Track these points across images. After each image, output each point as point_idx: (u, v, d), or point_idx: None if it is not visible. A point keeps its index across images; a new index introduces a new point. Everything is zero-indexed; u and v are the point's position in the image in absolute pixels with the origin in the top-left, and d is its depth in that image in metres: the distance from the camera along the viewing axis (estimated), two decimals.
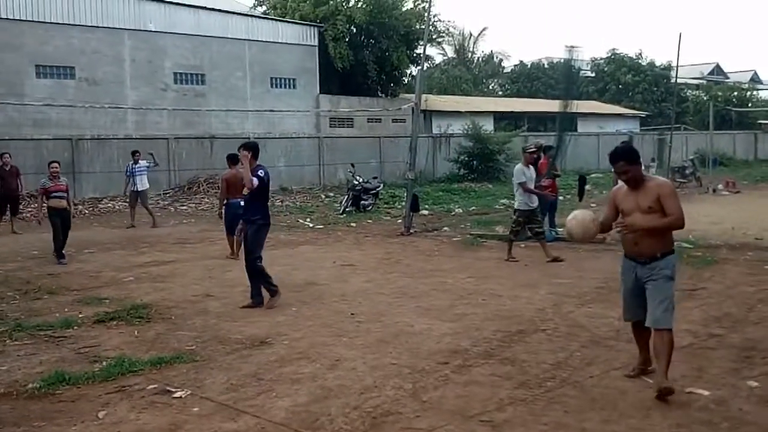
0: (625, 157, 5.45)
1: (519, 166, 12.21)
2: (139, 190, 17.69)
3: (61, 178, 12.73)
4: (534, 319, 7.84)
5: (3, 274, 11.39)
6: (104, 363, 6.44)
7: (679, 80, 32.74)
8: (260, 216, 8.77)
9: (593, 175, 28.32)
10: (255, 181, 8.51)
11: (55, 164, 12.88)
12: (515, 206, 12.23)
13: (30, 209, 19.82)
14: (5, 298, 9.52)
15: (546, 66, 57.62)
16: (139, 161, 17.81)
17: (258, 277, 8.79)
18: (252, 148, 8.77)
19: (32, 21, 24.87)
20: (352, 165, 22.66)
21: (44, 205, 12.80)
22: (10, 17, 24.42)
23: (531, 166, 12.38)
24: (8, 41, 24.37)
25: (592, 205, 14.39)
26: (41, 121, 24.52)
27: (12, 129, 23.67)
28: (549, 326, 7.51)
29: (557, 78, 48.63)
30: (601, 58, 54.82)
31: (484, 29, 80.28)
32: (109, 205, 21.53)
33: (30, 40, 24.89)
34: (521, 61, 61.02)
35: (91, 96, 25.47)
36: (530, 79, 57.25)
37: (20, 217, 17.72)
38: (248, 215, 8.85)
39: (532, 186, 12.10)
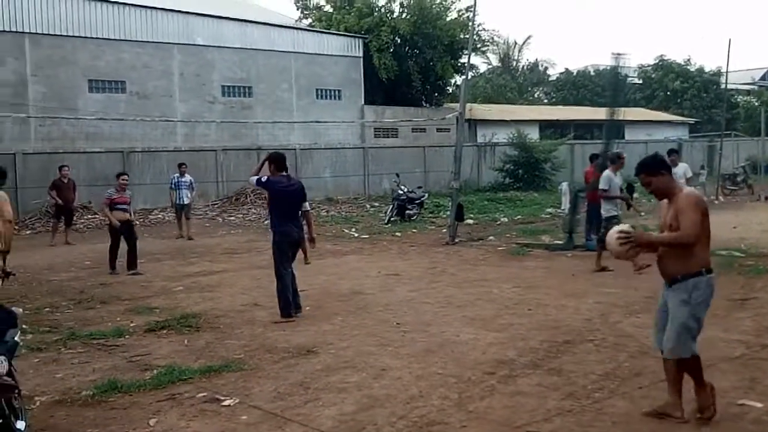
0: (644, 169, 5.09)
1: (607, 173, 11.98)
2: (185, 203, 17.86)
3: (126, 191, 12.97)
4: (581, 329, 7.77)
5: (57, 284, 11.71)
6: (155, 371, 6.57)
7: (729, 86, 32.14)
8: (274, 229, 8.91)
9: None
10: (253, 179, 8.90)
11: (125, 176, 13.09)
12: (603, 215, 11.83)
13: (83, 220, 20.35)
14: (60, 308, 9.79)
15: (592, 73, 57.03)
16: (186, 174, 17.98)
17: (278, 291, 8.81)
18: (272, 160, 8.97)
19: (85, 37, 25.51)
20: (397, 175, 22.73)
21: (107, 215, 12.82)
22: (65, 34, 25.10)
23: (619, 174, 12.16)
24: (63, 57, 25.06)
25: (642, 214, 14.18)
26: (94, 135, 25.13)
27: (66, 143, 24.32)
28: (596, 336, 7.44)
29: (604, 85, 48.06)
30: (649, 65, 54.06)
31: (528, 38, 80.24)
32: (159, 216, 21.95)
33: (83, 56, 25.55)
34: (567, 69, 60.47)
35: (142, 109, 26.02)
36: (576, 86, 56.71)
37: (74, 228, 18.17)
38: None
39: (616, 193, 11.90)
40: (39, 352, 7.40)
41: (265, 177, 8.90)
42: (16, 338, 4.85)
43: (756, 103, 48.80)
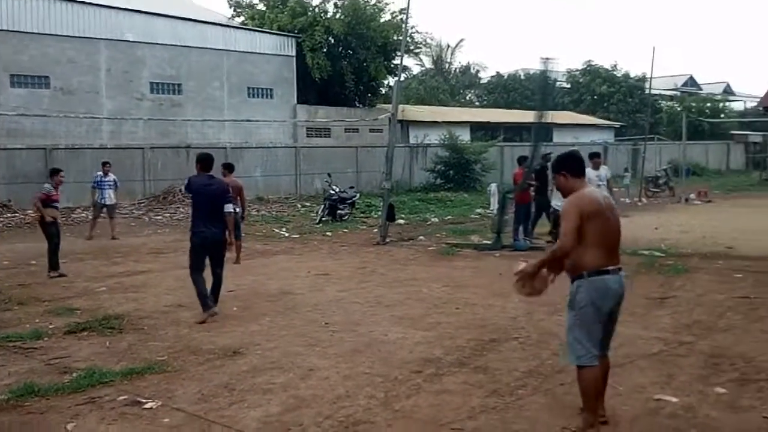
0: (551, 168, 5.10)
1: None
2: (107, 204, 17.26)
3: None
4: (507, 327, 7.89)
5: None
6: (74, 374, 6.39)
7: (653, 91, 33.19)
8: (191, 230, 8.87)
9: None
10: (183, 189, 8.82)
11: (63, 173, 12.63)
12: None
13: (2, 219, 19.62)
14: None
15: (522, 77, 57.99)
16: (109, 173, 17.42)
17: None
18: (197, 159, 9.00)
19: (7, 30, 24.62)
20: (329, 175, 22.67)
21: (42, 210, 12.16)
22: None
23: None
24: None
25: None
26: (15, 131, 24.26)
27: None
28: (521, 334, 7.56)
29: (533, 89, 49.01)
30: (577, 70, 55.28)
31: (461, 41, 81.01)
32: (83, 215, 21.32)
33: (4, 50, 24.63)
34: (498, 72, 61.40)
35: (66, 106, 25.27)
36: (507, 90, 57.59)
37: None
38: None
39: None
40: None
41: (187, 180, 8.93)
42: None
43: (678, 109, 50.39)
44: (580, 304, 4.73)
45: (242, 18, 37.02)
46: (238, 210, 12.95)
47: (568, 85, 54.53)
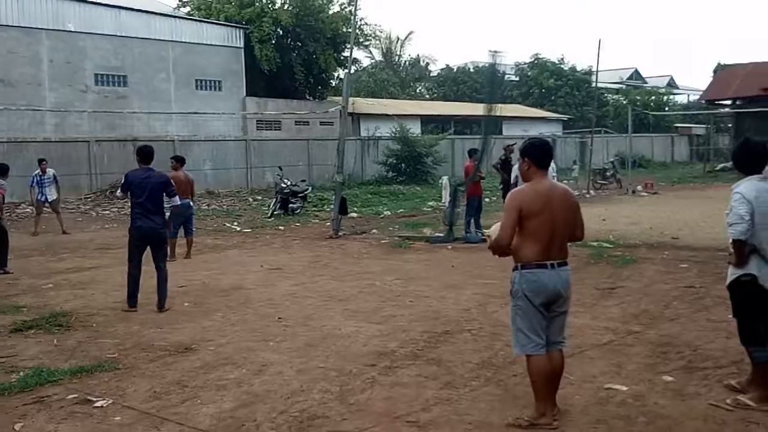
0: (520, 151, 5.03)
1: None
2: (49, 200, 17.05)
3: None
4: (459, 319, 7.95)
5: None
6: (21, 373, 6.24)
7: (599, 85, 33.70)
8: (131, 221, 8.90)
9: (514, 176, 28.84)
10: (119, 193, 9.12)
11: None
12: None
13: None
14: None
15: (471, 70, 58.40)
16: (47, 170, 17.09)
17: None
18: (137, 152, 9.07)
19: None
20: (280, 168, 22.54)
21: None
22: None
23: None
24: None
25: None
26: None
27: None
28: (474, 326, 7.62)
29: (482, 82, 49.36)
30: (525, 63, 55.87)
31: (410, 33, 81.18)
32: (28, 210, 20.79)
33: None
34: (447, 65, 61.73)
35: (7, 98, 24.57)
36: (456, 83, 57.94)
37: None
38: None
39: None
40: None
41: (123, 177, 8.99)
42: None
43: (624, 102, 51.37)
44: (515, 294, 4.84)
45: (188, 8, 36.48)
46: (191, 204, 12.83)
47: (517, 78, 55.11)
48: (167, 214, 10.29)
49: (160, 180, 8.87)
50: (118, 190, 9.06)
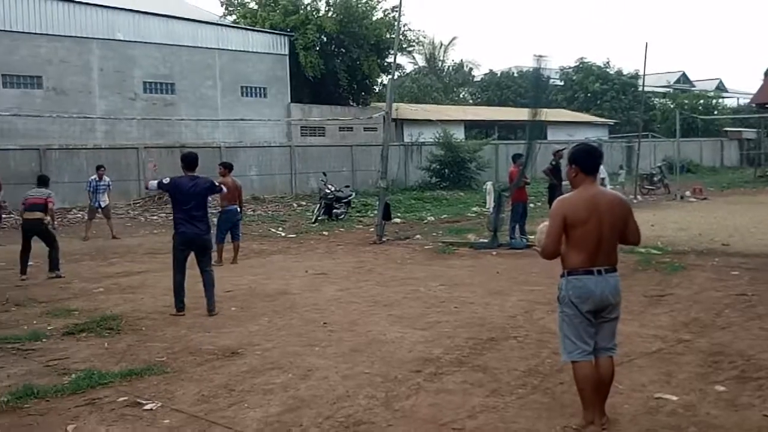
0: (568, 158, 5.00)
1: None
2: (102, 206, 17.44)
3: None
4: (505, 326, 7.89)
5: None
6: (73, 375, 6.37)
7: (646, 88, 33.20)
8: (174, 227, 9.01)
9: (564, 183, 28.57)
10: (153, 183, 9.08)
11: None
12: None
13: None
14: None
15: (515, 75, 58.07)
16: (104, 177, 17.50)
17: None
18: (181, 159, 9.17)
19: None
20: (324, 174, 22.65)
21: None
22: None
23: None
24: None
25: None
26: (8, 132, 24.18)
27: None
28: (520, 333, 7.56)
29: (526, 87, 49.03)
30: (570, 67, 55.38)
31: (454, 38, 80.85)
32: (78, 215, 21.27)
33: None
34: (491, 70, 61.45)
35: (59, 106, 25.19)
36: (500, 87, 57.66)
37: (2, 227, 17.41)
38: None
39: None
40: None
41: (168, 179, 9.03)
42: None
43: (671, 106, 50.53)
44: (562, 300, 4.85)
45: (234, 16, 36.97)
46: (238, 210, 12.99)
47: (561, 83, 54.65)
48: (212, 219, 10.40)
49: (206, 186, 9.02)
50: (154, 182, 9.03)
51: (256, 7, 36.17)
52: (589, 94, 52.75)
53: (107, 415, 5.46)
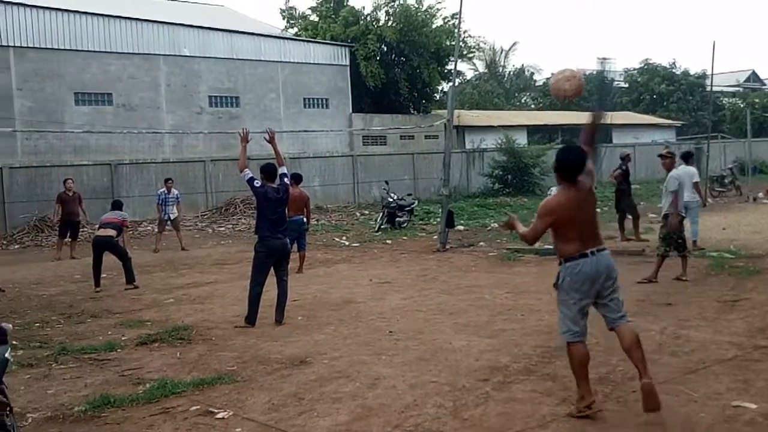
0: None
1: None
2: (171, 218, 17.87)
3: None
4: None
5: (47, 299, 11.64)
6: (147, 385, 6.53)
7: (714, 88, 32.35)
8: (259, 237, 9.01)
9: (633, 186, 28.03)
10: (247, 174, 8.97)
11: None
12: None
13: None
14: (50, 322, 9.72)
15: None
16: (172, 190, 17.92)
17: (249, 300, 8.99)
18: (262, 170, 9.23)
19: (71, 50, 25.47)
20: (386, 182, 22.73)
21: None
22: (51, 47, 25.06)
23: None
24: (49, 70, 25.01)
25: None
26: (81, 148, 25.04)
27: (53, 156, 24.25)
28: (589, 341, 7.39)
29: (590, 89, 48.20)
30: (634, 69, 54.34)
31: (514, 44, 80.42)
32: (149, 228, 21.85)
33: (69, 69, 25.48)
34: (553, 74, 60.65)
35: (129, 121, 25.96)
36: None
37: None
38: None
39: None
40: (30, 368, 7.34)
41: (259, 182, 9.00)
42: (6, 355, 4.80)
43: (741, 105, 49.09)
44: (562, 286, 5.42)
45: (295, 29, 37.48)
46: (304, 220, 13.16)
47: (626, 85, 53.63)
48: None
49: (286, 196, 9.18)
50: (250, 173, 8.97)
51: (317, 19, 36.63)
52: (655, 96, 51.64)
53: (181, 423, 5.59)
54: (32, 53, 24.68)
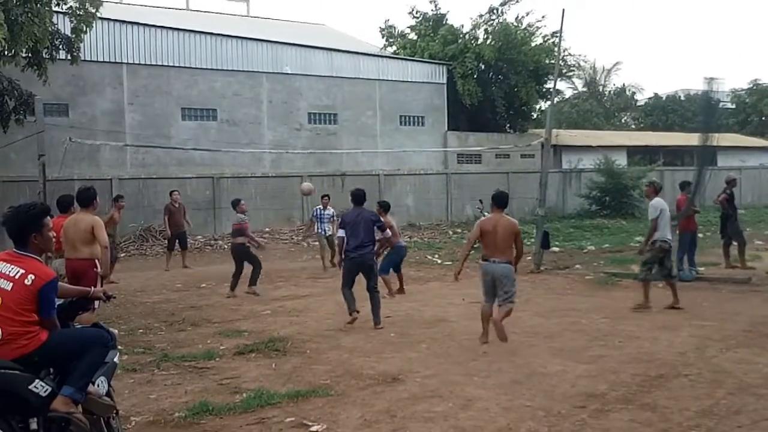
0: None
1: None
2: (328, 234, 17.08)
3: None
4: (675, 363, 7.51)
5: (150, 306, 12.10)
6: (244, 394, 6.69)
7: None
8: (345, 252, 10.15)
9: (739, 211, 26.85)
10: (340, 233, 10.29)
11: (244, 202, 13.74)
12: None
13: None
14: (152, 329, 10.10)
15: (682, 98, 55.48)
16: (328, 206, 17.46)
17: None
18: (351, 195, 10.42)
19: (180, 67, 26.52)
20: (480, 201, 22.53)
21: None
22: (161, 63, 26.17)
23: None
24: (158, 86, 26.11)
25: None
26: (185, 161, 25.97)
27: (159, 168, 25.25)
28: (692, 371, 7.17)
29: (695, 110, 46.71)
30: (742, 89, 52.30)
31: (616, 63, 78.58)
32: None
33: (177, 85, 26.53)
34: (656, 94, 59.01)
35: (231, 136, 26.76)
36: (665, 111, 55.23)
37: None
38: None
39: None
40: (134, 372, 7.65)
41: (339, 219, 10.81)
42: (115, 359, 5.02)
43: None
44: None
45: (394, 47, 37.83)
46: (403, 244, 13.41)
47: (733, 106, 51.63)
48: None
49: (371, 217, 10.11)
50: (341, 231, 10.16)
51: (415, 37, 36.86)
52: (764, 118, 49.49)
53: None
54: (143, 70, 25.83)
